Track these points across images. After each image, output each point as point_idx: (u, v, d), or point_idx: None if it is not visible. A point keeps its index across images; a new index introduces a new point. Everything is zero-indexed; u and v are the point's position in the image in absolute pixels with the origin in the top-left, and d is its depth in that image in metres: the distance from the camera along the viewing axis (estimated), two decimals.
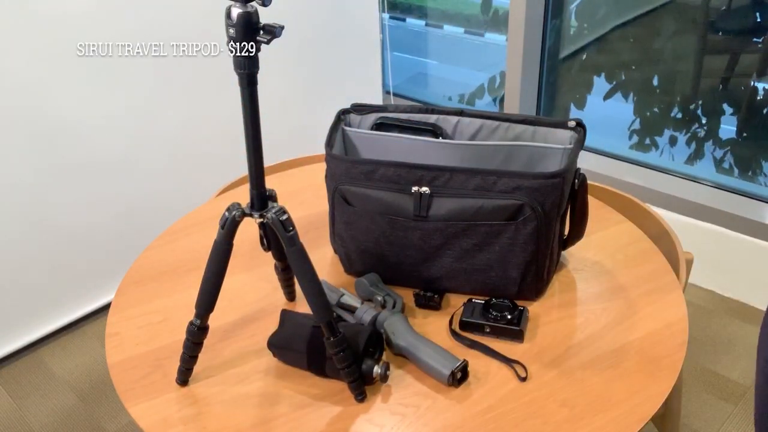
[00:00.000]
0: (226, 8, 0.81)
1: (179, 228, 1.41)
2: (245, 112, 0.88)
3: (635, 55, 2.61)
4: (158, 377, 1.04)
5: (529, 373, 1.01)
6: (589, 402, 0.96)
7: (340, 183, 1.13)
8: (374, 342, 1.01)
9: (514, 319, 1.07)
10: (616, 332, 1.09)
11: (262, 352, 1.06)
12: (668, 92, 2.56)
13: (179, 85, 2.22)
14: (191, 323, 0.99)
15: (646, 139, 2.64)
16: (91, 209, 2.16)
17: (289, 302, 1.18)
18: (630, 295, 1.15)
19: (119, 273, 1.30)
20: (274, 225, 0.92)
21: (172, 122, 2.26)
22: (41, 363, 2.17)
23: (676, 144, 2.60)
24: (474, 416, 0.95)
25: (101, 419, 1.97)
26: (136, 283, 1.26)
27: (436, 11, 3.39)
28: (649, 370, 1.01)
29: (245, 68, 0.85)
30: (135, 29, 2.03)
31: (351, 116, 1.25)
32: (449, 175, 1.06)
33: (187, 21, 2.09)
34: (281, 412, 0.97)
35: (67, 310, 2.24)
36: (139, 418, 0.97)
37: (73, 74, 1.97)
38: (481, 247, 1.10)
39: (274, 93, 2.43)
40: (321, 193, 1.19)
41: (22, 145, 1.95)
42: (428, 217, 1.09)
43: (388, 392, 1.00)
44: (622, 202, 1.46)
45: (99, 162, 2.13)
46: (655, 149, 2.62)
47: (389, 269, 1.16)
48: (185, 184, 2.31)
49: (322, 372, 1.01)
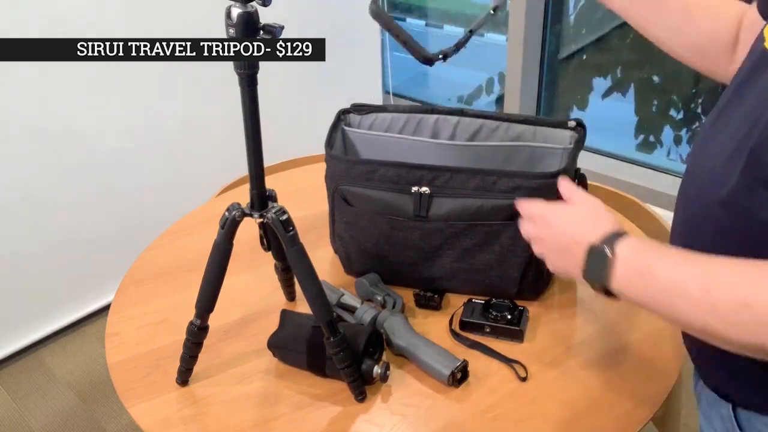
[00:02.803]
0: (226, 8, 0.81)
1: (179, 228, 1.41)
2: (245, 112, 0.88)
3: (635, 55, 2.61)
4: (158, 377, 1.04)
5: (529, 373, 1.01)
6: (589, 402, 0.96)
7: (340, 183, 1.13)
8: (374, 342, 1.01)
9: (514, 319, 1.07)
10: (616, 332, 1.09)
11: (262, 352, 1.06)
12: (669, 91, 2.56)
13: (179, 85, 2.22)
14: (191, 323, 0.99)
15: (650, 136, 2.64)
16: (91, 209, 2.15)
17: (289, 302, 1.18)
18: None
19: (119, 273, 1.29)
20: (274, 225, 0.92)
21: (172, 122, 2.26)
22: (41, 363, 2.17)
23: (681, 143, 2.60)
24: (474, 416, 0.95)
25: (101, 419, 1.97)
26: (136, 283, 1.25)
27: (436, 11, 3.39)
28: (649, 371, 1.01)
29: (245, 68, 0.85)
30: (135, 29, 2.03)
31: (351, 116, 1.25)
32: (449, 175, 1.06)
33: (187, 21, 2.09)
34: (281, 412, 0.97)
35: (67, 310, 2.24)
36: (139, 418, 0.97)
37: (73, 74, 1.97)
38: (481, 247, 1.10)
39: (274, 93, 2.43)
40: (321, 193, 1.19)
41: (21, 145, 1.95)
42: (428, 217, 1.09)
43: (388, 392, 1.00)
44: (623, 202, 1.46)
45: (99, 162, 2.13)
46: (660, 147, 2.62)
47: (389, 269, 1.16)
48: (185, 184, 2.31)
49: (322, 372, 1.01)
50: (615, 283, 0.74)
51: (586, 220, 0.81)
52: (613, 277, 0.74)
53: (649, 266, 0.72)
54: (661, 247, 0.74)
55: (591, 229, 0.78)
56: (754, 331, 0.64)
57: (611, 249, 0.74)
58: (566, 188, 0.88)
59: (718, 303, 0.65)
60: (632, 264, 0.73)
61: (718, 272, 0.67)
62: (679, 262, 0.70)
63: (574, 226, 0.82)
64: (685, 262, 0.70)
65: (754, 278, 0.64)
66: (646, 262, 0.72)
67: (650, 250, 0.73)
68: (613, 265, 0.73)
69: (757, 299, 0.63)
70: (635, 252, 0.74)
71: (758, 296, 0.63)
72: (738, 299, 0.64)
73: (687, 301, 0.68)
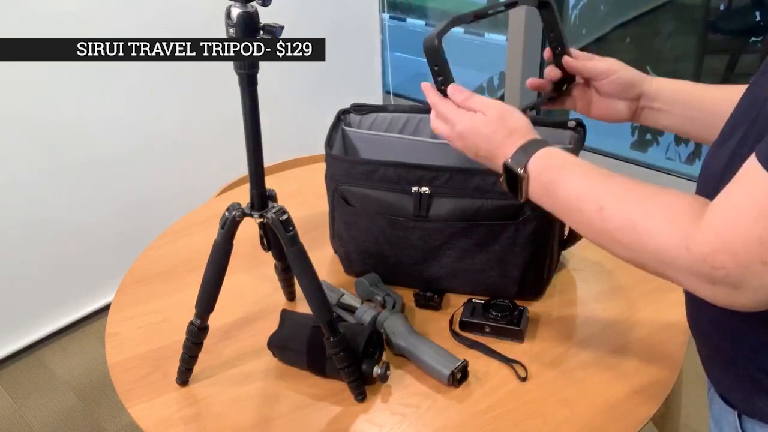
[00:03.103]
0: (226, 8, 0.81)
1: (179, 228, 1.41)
2: (245, 112, 0.88)
3: (635, 54, 2.60)
4: (158, 377, 1.04)
5: (529, 373, 1.01)
6: (589, 402, 0.96)
7: (340, 183, 1.13)
8: (374, 342, 1.01)
9: (514, 319, 1.07)
10: (616, 332, 1.09)
11: (262, 352, 1.06)
12: None
13: (179, 85, 2.22)
14: (191, 323, 0.98)
15: (646, 135, 2.63)
16: (91, 209, 2.16)
17: (289, 302, 1.18)
18: (630, 295, 1.15)
19: (119, 273, 1.29)
20: (274, 225, 0.92)
21: (172, 122, 2.26)
22: (41, 363, 2.17)
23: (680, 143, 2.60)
24: (474, 416, 0.95)
25: (101, 419, 1.97)
26: (136, 283, 1.25)
27: (436, 11, 3.39)
28: (649, 370, 1.01)
29: (245, 68, 0.85)
30: (135, 29, 2.03)
31: (351, 116, 1.25)
32: (449, 175, 1.06)
33: (186, 21, 2.09)
34: (281, 412, 0.97)
35: (67, 310, 2.24)
36: (139, 418, 0.97)
37: (73, 74, 1.97)
38: (481, 247, 1.09)
39: (274, 93, 2.43)
40: (321, 193, 1.19)
41: (21, 145, 1.95)
42: (428, 217, 1.09)
43: (388, 392, 1.00)
44: None
45: (99, 162, 2.13)
46: (656, 145, 2.62)
47: (389, 269, 1.16)
48: (185, 184, 2.31)
49: (322, 372, 1.01)
50: (529, 196, 0.81)
51: (496, 132, 0.84)
52: (526, 193, 0.81)
53: (552, 181, 0.78)
54: (568, 159, 0.79)
55: (502, 142, 0.83)
56: (637, 252, 0.69)
57: (523, 168, 0.80)
58: (458, 94, 0.89)
59: (609, 223, 0.71)
60: (541, 179, 0.79)
61: (616, 191, 0.73)
62: (579, 178, 0.76)
63: (485, 140, 0.85)
64: (585, 177, 0.76)
65: (647, 202, 0.69)
66: (550, 177, 0.78)
67: (556, 166, 0.79)
68: (526, 183, 0.80)
69: (643, 224, 0.68)
70: (543, 167, 0.80)
71: (645, 220, 0.68)
72: (627, 221, 0.69)
73: (583, 217, 0.74)
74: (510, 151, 0.82)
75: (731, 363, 0.77)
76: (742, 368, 0.75)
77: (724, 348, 0.77)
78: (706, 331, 0.79)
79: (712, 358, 0.81)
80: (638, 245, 0.68)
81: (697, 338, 0.83)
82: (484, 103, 0.86)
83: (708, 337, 0.79)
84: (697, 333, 0.82)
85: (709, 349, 0.81)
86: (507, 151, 0.82)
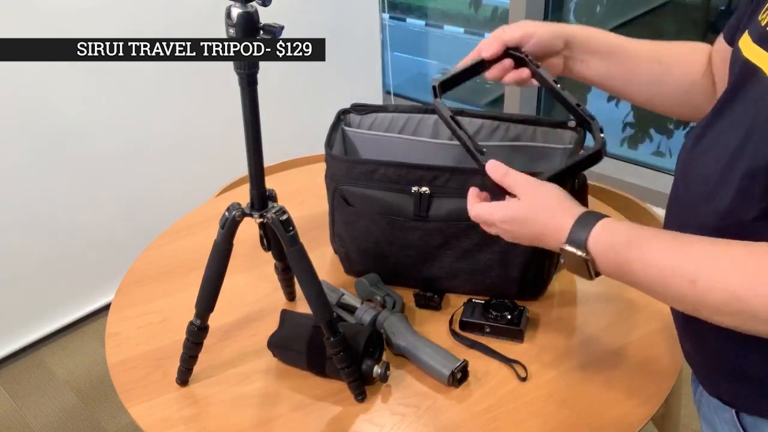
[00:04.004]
0: (226, 8, 0.81)
1: (179, 228, 1.41)
2: (245, 112, 0.88)
3: None
4: (158, 377, 1.04)
5: (529, 373, 1.01)
6: (589, 402, 0.96)
7: (340, 183, 1.13)
8: (374, 342, 1.01)
9: (514, 319, 1.07)
10: (616, 332, 1.09)
11: (262, 352, 1.06)
12: None
13: (179, 85, 2.22)
14: (191, 323, 0.99)
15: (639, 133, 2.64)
16: (91, 209, 2.15)
17: (289, 302, 1.18)
18: (630, 295, 1.15)
19: (119, 273, 1.29)
20: (274, 225, 0.92)
21: (172, 122, 2.26)
22: (41, 363, 2.17)
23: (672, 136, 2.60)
24: (474, 416, 0.95)
25: (101, 419, 1.97)
26: (136, 283, 1.25)
27: (436, 11, 3.39)
28: (649, 370, 1.01)
29: (245, 68, 0.85)
30: (135, 29, 2.03)
31: (351, 116, 1.25)
32: (449, 175, 1.06)
33: (186, 21, 2.09)
34: (281, 412, 0.97)
35: (67, 310, 2.24)
36: (139, 418, 0.97)
37: (73, 74, 1.97)
38: (481, 247, 1.09)
39: (274, 93, 2.43)
40: (321, 193, 1.19)
41: (22, 144, 1.95)
42: (428, 217, 1.09)
43: (388, 392, 1.00)
44: (622, 202, 1.46)
45: (99, 162, 2.13)
46: (650, 141, 2.61)
47: (389, 269, 1.16)
48: (185, 184, 2.31)
49: (322, 372, 1.01)
50: (602, 274, 0.75)
51: (536, 214, 0.79)
52: (597, 271, 0.75)
53: (626, 261, 0.72)
54: (631, 231, 0.73)
55: (546, 223, 0.78)
56: (746, 320, 0.64)
57: (584, 251, 0.74)
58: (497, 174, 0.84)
59: (707, 296, 0.66)
60: (608, 258, 0.73)
61: (704, 261, 0.67)
62: (656, 251, 0.70)
63: (526, 226, 0.80)
64: (662, 250, 0.70)
65: (743, 268, 0.64)
66: (621, 258, 0.72)
67: (621, 242, 0.73)
68: (593, 264, 0.74)
69: (747, 291, 0.63)
70: (608, 245, 0.73)
71: (749, 288, 0.63)
72: (727, 292, 0.64)
73: (673, 292, 0.69)
74: (561, 234, 0.76)
75: (725, 364, 0.77)
76: (738, 367, 0.75)
77: (724, 348, 0.77)
78: (704, 336, 0.79)
79: (705, 361, 0.81)
80: (747, 313, 0.64)
81: (692, 342, 0.83)
82: (517, 182, 0.82)
83: (707, 340, 0.79)
84: (693, 337, 0.82)
85: (701, 353, 0.81)
86: (558, 235, 0.76)
